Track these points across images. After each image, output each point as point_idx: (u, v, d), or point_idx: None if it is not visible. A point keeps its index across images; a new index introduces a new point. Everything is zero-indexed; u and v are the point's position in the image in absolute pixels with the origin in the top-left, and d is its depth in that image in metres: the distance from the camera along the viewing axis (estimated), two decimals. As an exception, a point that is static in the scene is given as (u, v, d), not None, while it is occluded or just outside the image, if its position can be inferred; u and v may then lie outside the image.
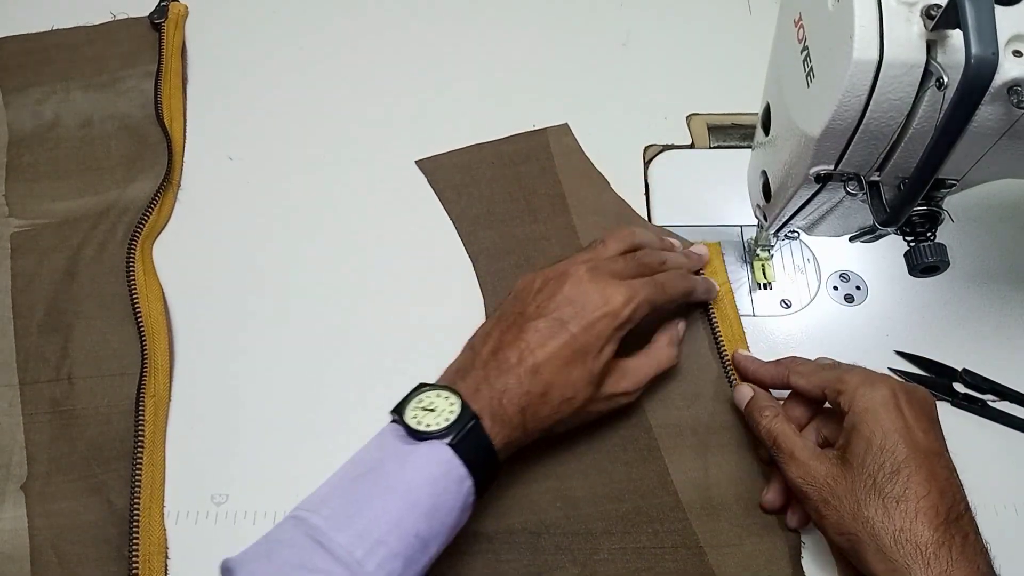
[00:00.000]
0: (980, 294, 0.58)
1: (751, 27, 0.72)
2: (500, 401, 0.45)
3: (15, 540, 0.49)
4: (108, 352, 0.55)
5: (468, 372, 0.46)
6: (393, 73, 0.69)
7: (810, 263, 0.59)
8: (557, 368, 0.46)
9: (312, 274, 0.59)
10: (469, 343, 0.49)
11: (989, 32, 0.32)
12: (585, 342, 0.47)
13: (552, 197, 0.61)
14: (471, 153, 0.64)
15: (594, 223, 0.60)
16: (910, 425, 0.44)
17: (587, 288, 0.48)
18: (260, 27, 0.72)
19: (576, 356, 0.46)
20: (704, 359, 0.55)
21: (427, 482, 0.41)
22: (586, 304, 0.47)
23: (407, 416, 0.44)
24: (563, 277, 0.49)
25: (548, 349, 0.46)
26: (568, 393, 0.46)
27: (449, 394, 0.44)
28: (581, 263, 0.50)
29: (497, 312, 0.50)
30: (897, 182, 0.43)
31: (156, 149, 0.63)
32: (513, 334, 0.47)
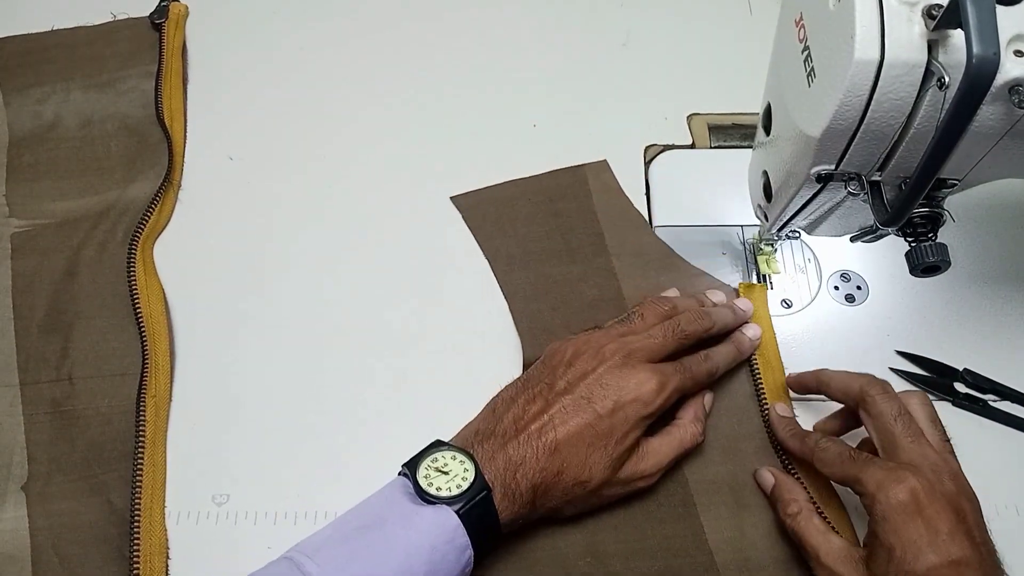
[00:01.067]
0: (981, 294, 0.58)
1: (751, 27, 0.72)
2: (514, 475, 0.44)
3: (16, 540, 0.49)
4: (108, 352, 0.55)
5: (487, 438, 0.45)
6: (392, 73, 0.69)
7: (811, 263, 0.59)
8: (576, 449, 0.45)
9: (313, 274, 0.59)
10: (491, 405, 0.49)
11: (990, 32, 0.32)
12: (610, 426, 0.46)
13: (590, 237, 0.60)
14: (507, 189, 0.62)
15: (633, 265, 0.58)
16: (933, 528, 0.41)
17: (620, 372, 0.47)
18: (260, 27, 0.72)
19: (598, 439, 0.45)
20: (744, 411, 0.53)
21: (428, 548, 0.41)
22: (618, 388, 0.47)
23: (419, 475, 0.43)
24: (598, 355, 0.48)
25: (570, 428, 0.45)
26: (583, 476, 0.45)
27: (464, 458, 0.44)
28: (617, 342, 0.49)
29: (524, 378, 0.49)
30: (898, 182, 0.43)
31: (156, 149, 0.63)
32: (538, 406, 0.46)
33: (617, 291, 0.57)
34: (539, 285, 0.58)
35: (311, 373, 0.55)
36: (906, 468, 0.43)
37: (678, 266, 0.59)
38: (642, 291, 0.57)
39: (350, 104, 0.67)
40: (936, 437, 0.46)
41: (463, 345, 0.56)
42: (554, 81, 0.68)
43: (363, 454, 0.52)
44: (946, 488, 0.42)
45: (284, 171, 0.64)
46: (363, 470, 0.51)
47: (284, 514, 0.50)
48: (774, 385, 0.54)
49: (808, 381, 0.52)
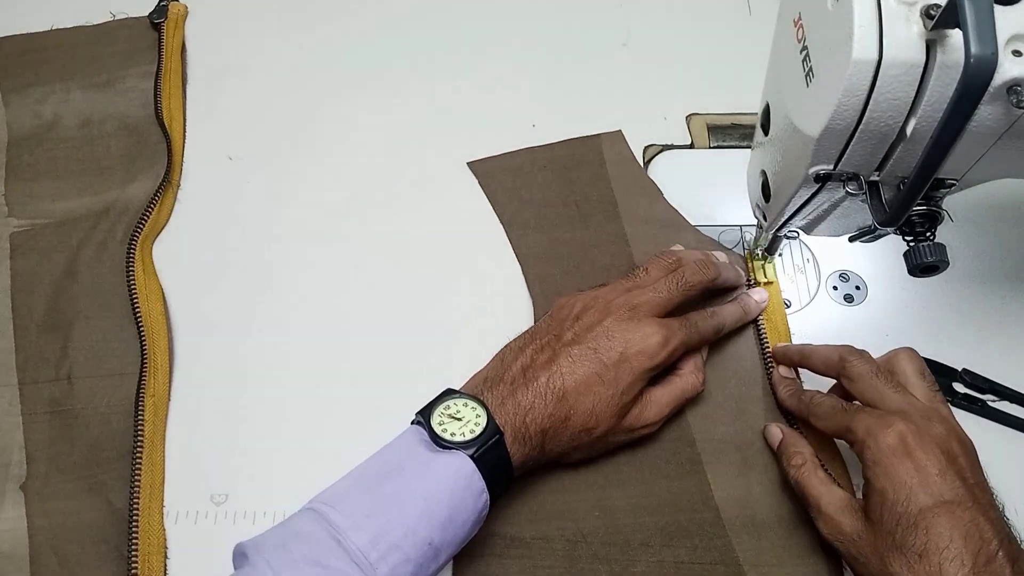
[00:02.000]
0: (980, 294, 0.58)
1: (751, 27, 0.72)
2: (524, 420, 0.45)
3: (14, 540, 0.49)
4: (108, 352, 0.55)
5: (495, 385, 0.47)
6: (390, 74, 0.69)
7: (810, 263, 0.59)
8: (582, 397, 0.46)
9: (312, 274, 0.59)
10: (499, 354, 0.50)
11: (989, 32, 0.32)
12: (615, 376, 0.47)
13: (603, 204, 0.61)
14: (523, 156, 0.64)
15: (645, 231, 0.60)
16: (923, 469, 0.41)
17: (626, 325, 0.48)
18: (260, 27, 0.72)
19: (604, 388, 0.47)
20: (751, 374, 0.54)
21: (447, 493, 0.42)
22: (624, 340, 0.48)
23: (433, 422, 0.44)
24: (605, 308, 0.49)
25: (577, 376, 0.46)
26: (590, 423, 0.47)
27: (476, 405, 0.45)
28: (624, 295, 0.50)
29: (532, 330, 0.51)
30: (897, 182, 0.43)
31: (156, 149, 0.63)
32: (546, 356, 0.47)
33: (628, 257, 0.59)
34: (552, 249, 0.59)
35: (311, 373, 0.55)
36: (894, 414, 0.44)
37: (689, 233, 0.60)
38: (651, 256, 0.57)
39: (350, 104, 0.67)
40: (923, 387, 0.46)
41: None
42: (554, 81, 0.68)
43: (363, 454, 0.52)
44: (935, 431, 0.43)
45: (284, 171, 0.64)
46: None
47: (283, 514, 0.49)
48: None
49: (792, 354, 0.53)
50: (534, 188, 0.62)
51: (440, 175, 0.64)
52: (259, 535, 0.41)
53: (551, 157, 0.64)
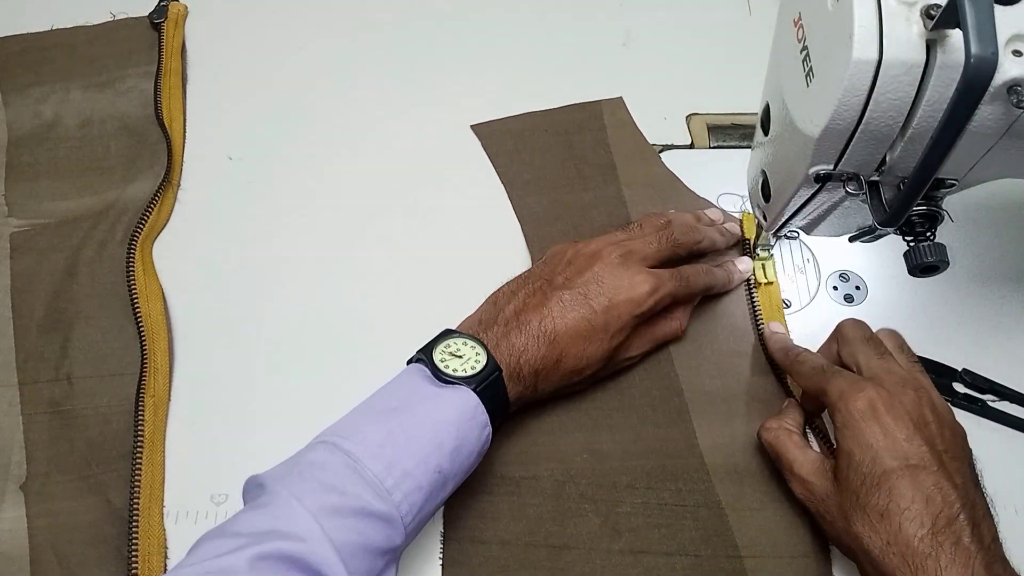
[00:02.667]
0: (980, 294, 0.58)
1: (751, 27, 0.72)
2: (518, 360, 0.47)
3: (14, 540, 0.49)
4: (108, 352, 0.55)
5: (489, 327, 0.48)
6: (390, 74, 0.69)
7: (810, 263, 0.59)
8: (573, 341, 0.48)
9: (312, 274, 0.59)
10: (492, 297, 0.51)
11: (989, 32, 0.32)
12: (604, 322, 0.49)
13: (603, 167, 0.63)
14: (525, 120, 0.65)
15: (643, 194, 0.62)
16: (891, 434, 0.43)
17: (616, 272, 0.50)
18: (260, 27, 0.72)
19: (593, 333, 0.48)
20: (741, 330, 0.56)
21: (454, 423, 0.43)
22: (613, 287, 0.49)
23: (436, 358, 0.46)
24: (596, 255, 0.51)
25: (568, 321, 0.48)
26: (580, 364, 0.49)
27: (475, 344, 0.46)
28: (615, 244, 0.52)
29: (525, 274, 0.52)
30: (897, 182, 0.43)
31: (156, 149, 0.63)
32: (538, 299, 0.49)
33: (626, 218, 0.60)
34: (551, 210, 0.61)
35: (310, 372, 0.55)
36: (868, 380, 0.45)
37: (686, 195, 0.62)
38: None
39: (350, 104, 0.67)
40: (903, 357, 0.48)
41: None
42: (554, 81, 0.68)
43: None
44: (907, 398, 0.44)
45: (284, 171, 0.64)
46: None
47: (283, 514, 0.50)
48: (769, 306, 0.57)
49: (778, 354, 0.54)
50: (535, 151, 0.64)
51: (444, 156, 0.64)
52: (272, 468, 0.42)
53: (552, 121, 0.65)
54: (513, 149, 0.64)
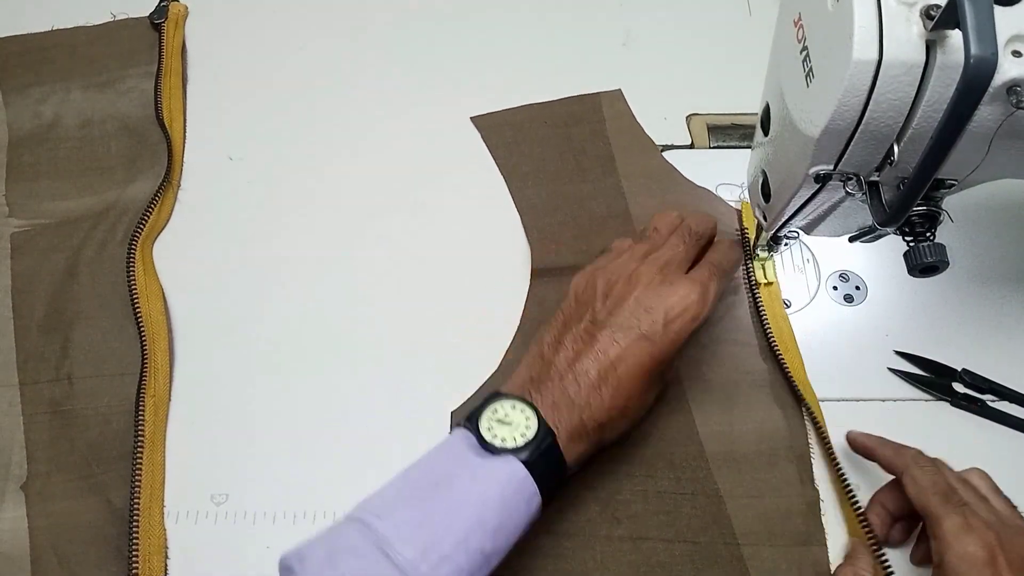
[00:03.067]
0: (980, 294, 0.58)
1: (751, 27, 0.72)
2: (580, 418, 0.44)
3: (15, 540, 0.49)
4: (108, 352, 0.55)
5: (543, 383, 0.45)
6: (390, 74, 0.69)
7: (810, 263, 0.59)
8: (639, 385, 0.45)
9: (312, 274, 0.59)
10: (537, 351, 0.47)
11: (988, 32, 0.32)
12: (662, 350, 0.46)
13: (601, 159, 0.63)
14: (524, 112, 0.66)
15: (641, 185, 0.62)
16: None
17: (660, 291, 0.47)
18: (260, 27, 0.72)
19: (656, 366, 0.46)
20: (739, 320, 0.56)
21: (498, 499, 0.40)
22: (663, 309, 0.46)
23: (482, 427, 0.43)
24: (632, 280, 0.48)
25: (629, 362, 0.45)
26: (646, 407, 0.47)
27: (525, 407, 0.43)
28: (644, 260, 0.49)
29: (562, 319, 0.48)
30: (896, 182, 0.43)
31: (156, 149, 0.63)
32: (587, 344, 0.46)
33: (624, 209, 0.60)
34: (551, 201, 0.61)
35: (310, 372, 0.55)
36: (986, 522, 0.42)
37: (684, 186, 0.62)
38: (648, 209, 0.60)
39: (350, 103, 0.67)
40: (1002, 502, 0.45)
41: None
42: (554, 81, 0.68)
43: (362, 453, 0.52)
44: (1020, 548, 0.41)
45: (284, 171, 0.64)
46: (362, 469, 0.51)
47: (283, 514, 0.50)
48: (770, 298, 0.57)
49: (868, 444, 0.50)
50: (534, 142, 0.64)
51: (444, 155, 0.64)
52: (303, 546, 0.40)
53: (552, 113, 0.66)
54: (512, 141, 0.64)
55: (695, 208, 0.61)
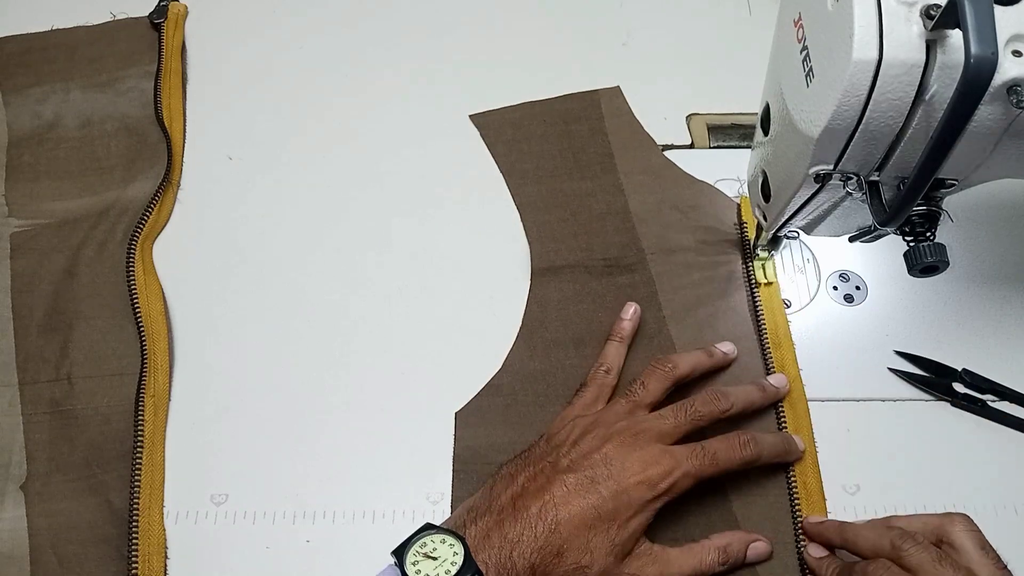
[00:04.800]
0: (980, 294, 0.58)
1: (751, 27, 0.72)
2: (510, 554, 0.42)
3: (14, 540, 0.49)
4: (108, 352, 0.55)
5: (480, 516, 0.44)
6: (389, 75, 0.69)
7: (810, 263, 0.59)
8: (577, 529, 0.43)
9: (312, 273, 0.59)
10: (489, 483, 0.47)
11: (988, 32, 0.32)
12: (613, 508, 0.44)
13: (600, 156, 0.63)
14: (523, 110, 0.66)
15: (641, 182, 0.62)
16: None
17: (627, 452, 0.45)
18: (260, 27, 0.72)
19: (600, 520, 0.43)
20: (742, 321, 0.56)
21: None
22: (623, 468, 0.45)
23: (407, 563, 0.42)
24: (605, 435, 0.46)
25: (572, 508, 0.43)
26: (584, 559, 0.43)
27: (453, 540, 0.42)
28: (626, 418, 0.48)
29: (525, 456, 0.48)
30: (897, 182, 0.43)
31: (156, 149, 0.63)
32: (539, 483, 0.45)
33: (624, 206, 0.61)
34: (550, 198, 0.61)
35: (310, 372, 0.55)
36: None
37: (683, 181, 0.62)
38: (648, 206, 0.60)
39: (350, 103, 0.67)
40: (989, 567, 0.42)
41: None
42: (554, 80, 0.68)
43: (362, 453, 0.52)
44: None
45: (284, 171, 0.64)
46: (362, 469, 0.52)
47: (283, 514, 0.50)
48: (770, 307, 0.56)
49: (831, 534, 0.47)
50: (533, 140, 0.64)
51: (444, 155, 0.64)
52: None
53: (550, 111, 0.66)
54: (512, 139, 0.65)
55: (696, 203, 0.60)
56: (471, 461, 0.51)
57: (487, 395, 0.54)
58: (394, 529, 0.49)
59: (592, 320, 0.56)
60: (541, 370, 0.54)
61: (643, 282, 0.57)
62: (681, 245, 0.59)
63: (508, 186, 0.62)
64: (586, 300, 0.57)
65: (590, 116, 0.65)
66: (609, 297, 0.57)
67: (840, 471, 0.51)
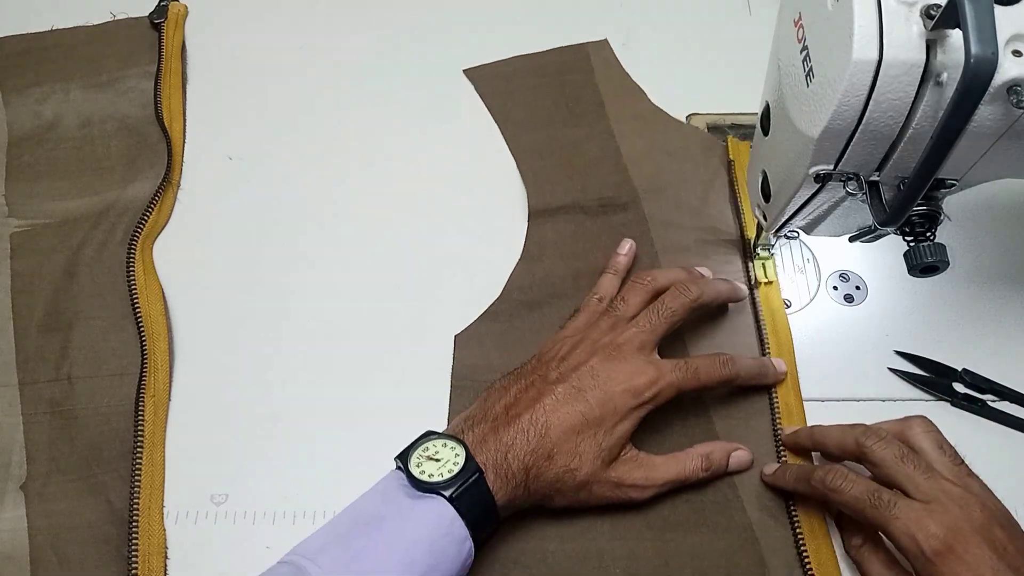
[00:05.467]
0: (980, 294, 0.58)
1: (751, 27, 0.72)
2: (505, 456, 0.44)
3: (14, 540, 0.49)
4: (108, 352, 0.55)
5: (477, 423, 0.46)
6: (389, 75, 0.69)
7: (810, 263, 0.59)
8: (566, 434, 0.46)
9: (312, 273, 0.59)
10: (483, 395, 0.49)
11: (989, 32, 0.32)
12: (600, 415, 0.46)
13: (592, 104, 0.66)
14: (515, 63, 0.69)
15: (631, 127, 0.65)
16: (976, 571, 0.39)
17: (612, 363, 0.48)
18: (260, 27, 0.72)
19: (587, 426, 0.46)
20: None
21: (427, 541, 0.41)
22: (608, 378, 0.47)
23: (411, 464, 0.44)
24: (591, 349, 0.49)
25: (560, 413, 0.46)
26: (573, 463, 0.46)
27: (455, 444, 0.45)
28: (609, 332, 0.50)
29: (517, 371, 0.50)
30: (897, 182, 0.43)
31: (156, 149, 0.63)
32: (531, 394, 0.47)
33: (616, 149, 0.63)
34: (544, 145, 0.64)
35: (310, 372, 0.55)
36: (930, 510, 0.41)
37: (671, 125, 0.65)
38: (638, 149, 0.63)
39: (350, 103, 0.67)
40: (947, 464, 0.44)
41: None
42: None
43: (362, 453, 0.52)
44: (976, 520, 0.41)
45: (284, 171, 0.64)
46: (362, 469, 0.51)
47: (283, 514, 0.50)
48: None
49: (803, 440, 0.50)
50: (526, 91, 0.67)
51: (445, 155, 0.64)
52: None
53: (542, 63, 0.69)
54: (505, 90, 0.67)
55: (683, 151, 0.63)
56: (468, 378, 0.54)
57: (485, 321, 0.56)
58: (394, 529, 0.49)
59: (588, 257, 0.58)
60: (537, 299, 0.57)
61: (636, 220, 0.60)
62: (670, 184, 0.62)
63: (503, 135, 0.65)
64: (582, 239, 0.59)
65: (581, 67, 0.68)
66: (604, 235, 0.59)
67: (840, 471, 0.51)
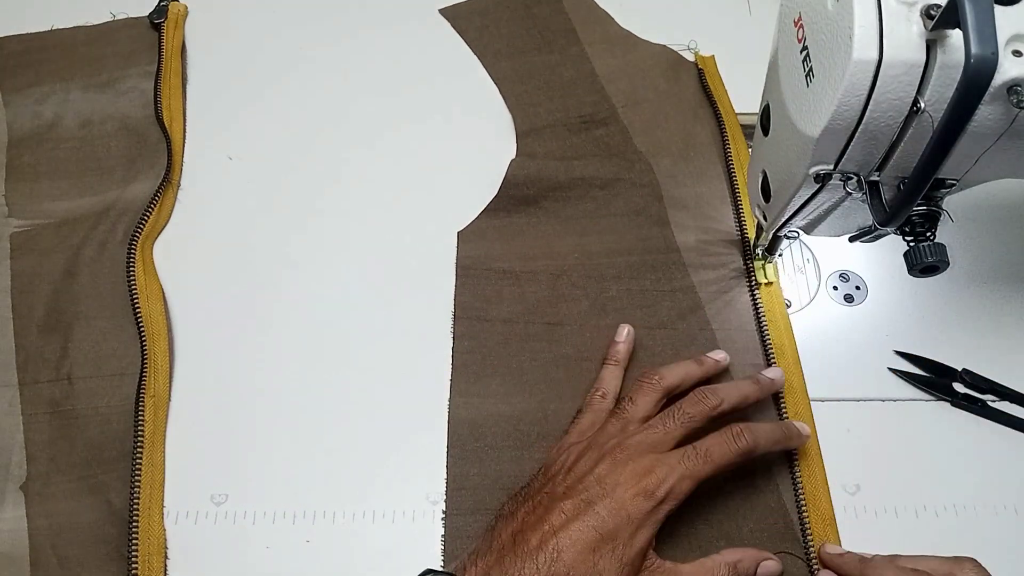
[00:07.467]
0: (980, 294, 0.58)
1: (751, 27, 0.72)
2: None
3: (14, 540, 0.49)
4: (108, 352, 0.55)
5: (481, 556, 0.43)
6: (388, 74, 0.69)
7: (810, 263, 0.59)
8: (581, 554, 0.42)
9: (312, 273, 0.59)
10: (491, 523, 0.46)
11: (989, 32, 0.32)
12: (615, 526, 0.43)
13: (564, 32, 0.71)
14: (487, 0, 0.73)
15: (602, 49, 0.69)
16: None
17: (619, 468, 0.44)
18: (260, 27, 0.72)
19: (603, 542, 0.42)
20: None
21: None
22: (616, 484, 0.44)
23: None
24: (598, 455, 0.46)
25: (571, 532, 0.42)
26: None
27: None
28: (616, 437, 0.47)
29: (524, 491, 0.47)
30: (897, 182, 0.43)
31: (156, 149, 0.63)
32: (537, 515, 0.44)
33: (591, 71, 0.68)
34: (523, 71, 0.69)
35: (310, 372, 0.55)
36: None
37: (641, 46, 0.70)
38: (611, 68, 0.68)
39: (349, 103, 0.67)
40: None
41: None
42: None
43: (362, 453, 0.52)
44: None
45: (284, 171, 0.64)
46: (362, 469, 0.51)
47: (283, 514, 0.50)
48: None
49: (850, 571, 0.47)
50: (501, 24, 0.72)
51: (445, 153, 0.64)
52: None
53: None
54: (481, 25, 0.72)
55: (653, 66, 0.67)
56: (472, 267, 0.58)
57: (485, 217, 0.60)
58: (394, 529, 0.49)
59: (572, 169, 0.62)
60: (533, 195, 0.61)
61: (618, 132, 0.65)
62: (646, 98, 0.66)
63: (483, 65, 0.69)
64: (569, 151, 0.64)
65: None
66: (588, 147, 0.64)
67: (840, 471, 0.51)
